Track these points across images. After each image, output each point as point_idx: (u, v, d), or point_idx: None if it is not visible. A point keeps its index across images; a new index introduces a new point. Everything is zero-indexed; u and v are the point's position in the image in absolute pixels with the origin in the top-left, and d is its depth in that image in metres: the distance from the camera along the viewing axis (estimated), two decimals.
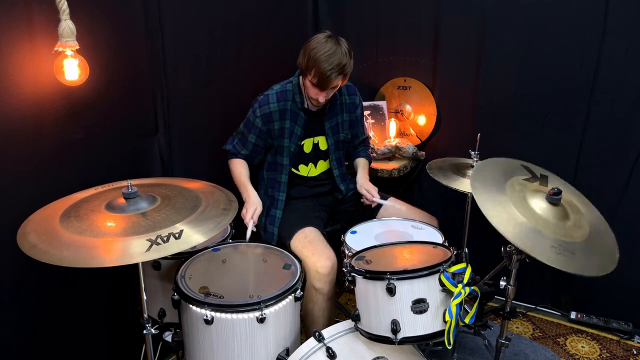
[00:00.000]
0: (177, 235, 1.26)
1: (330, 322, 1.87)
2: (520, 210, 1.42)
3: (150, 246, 1.22)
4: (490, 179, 1.53)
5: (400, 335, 1.42)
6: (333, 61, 1.81)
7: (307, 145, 2.10)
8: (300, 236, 1.95)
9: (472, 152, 2.09)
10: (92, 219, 1.32)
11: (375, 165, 2.56)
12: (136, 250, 1.20)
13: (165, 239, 1.24)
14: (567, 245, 1.35)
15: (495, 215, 1.37)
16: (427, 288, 1.43)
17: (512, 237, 1.33)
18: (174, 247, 1.23)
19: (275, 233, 2.08)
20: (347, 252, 1.78)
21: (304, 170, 2.14)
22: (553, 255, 1.31)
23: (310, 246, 1.89)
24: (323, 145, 2.13)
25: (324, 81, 1.85)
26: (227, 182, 1.84)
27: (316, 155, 2.13)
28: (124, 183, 1.41)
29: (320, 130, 2.11)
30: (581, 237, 1.42)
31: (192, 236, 1.28)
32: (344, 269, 1.58)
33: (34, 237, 1.25)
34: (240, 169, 2.07)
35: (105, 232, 1.27)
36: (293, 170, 2.12)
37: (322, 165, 2.17)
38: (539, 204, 1.47)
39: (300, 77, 2.00)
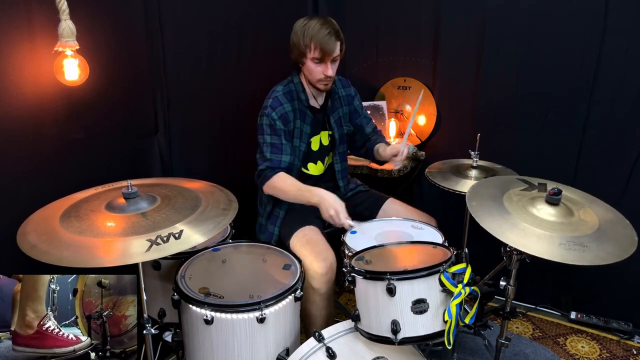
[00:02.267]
0: (177, 235, 1.26)
1: (329, 321, 1.87)
2: (526, 219, 1.43)
3: (150, 246, 1.22)
4: (488, 197, 1.55)
5: (400, 336, 1.42)
6: (328, 27, 1.88)
7: (315, 142, 2.10)
8: (300, 235, 1.95)
9: (472, 152, 2.09)
10: (92, 219, 1.32)
11: (375, 165, 2.56)
12: (136, 250, 1.20)
13: (165, 239, 1.24)
14: (575, 240, 1.36)
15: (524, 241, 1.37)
16: (427, 288, 1.43)
17: (538, 251, 1.33)
18: (173, 247, 1.23)
19: (275, 233, 2.07)
20: (347, 252, 1.78)
21: (313, 168, 2.14)
22: (563, 252, 1.32)
23: (309, 246, 1.89)
24: (325, 141, 2.13)
25: (326, 49, 1.88)
26: (227, 182, 1.84)
27: (322, 152, 2.14)
28: (124, 183, 1.41)
29: (324, 126, 2.11)
30: (590, 228, 1.42)
31: (192, 236, 1.28)
32: (344, 269, 1.58)
33: (34, 237, 1.25)
34: (287, 179, 1.93)
35: (105, 232, 1.26)
36: (303, 169, 2.11)
37: (326, 161, 2.18)
38: (540, 209, 1.47)
39: (300, 74, 2.01)
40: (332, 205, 1.82)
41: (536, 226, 1.40)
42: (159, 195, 1.45)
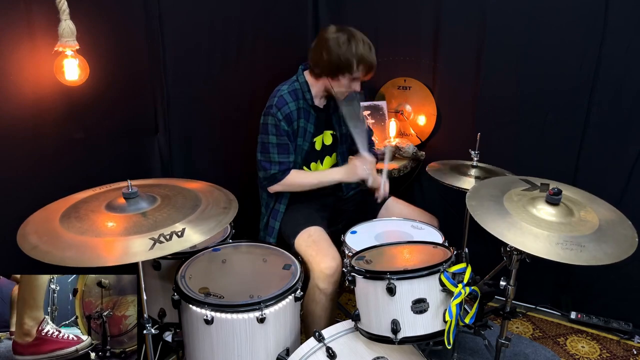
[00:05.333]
0: (179, 233, 1.26)
1: (332, 322, 1.87)
2: (524, 218, 1.43)
3: (154, 244, 1.21)
4: (488, 197, 1.55)
5: (400, 335, 1.42)
6: (371, 48, 1.96)
7: (318, 142, 2.11)
8: (305, 235, 1.95)
9: (472, 152, 2.09)
10: (93, 219, 1.31)
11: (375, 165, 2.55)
12: (139, 248, 1.20)
13: (167, 237, 1.24)
14: (573, 240, 1.35)
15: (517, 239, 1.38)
16: (427, 288, 1.43)
17: (536, 251, 1.33)
18: (176, 246, 1.22)
19: (276, 228, 2.07)
20: (347, 252, 1.78)
21: (315, 168, 2.14)
22: (560, 252, 1.31)
23: (315, 246, 1.89)
24: (327, 141, 2.14)
25: (371, 69, 1.98)
26: (228, 182, 1.84)
27: (324, 151, 2.14)
28: (122, 184, 1.40)
29: (326, 125, 2.11)
30: (590, 229, 1.41)
31: (194, 235, 1.28)
32: (344, 269, 1.58)
33: (34, 237, 1.24)
34: (301, 173, 2.05)
35: (107, 232, 1.26)
36: (305, 168, 2.11)
37: (328, 162, 2.18)
38: (540, 208, 1.47)
39: (306, 74, 2.01)
40: (358, 176, 2.03)
41: (534, 225, 1.40)
42: (158, 195, 1.45)
